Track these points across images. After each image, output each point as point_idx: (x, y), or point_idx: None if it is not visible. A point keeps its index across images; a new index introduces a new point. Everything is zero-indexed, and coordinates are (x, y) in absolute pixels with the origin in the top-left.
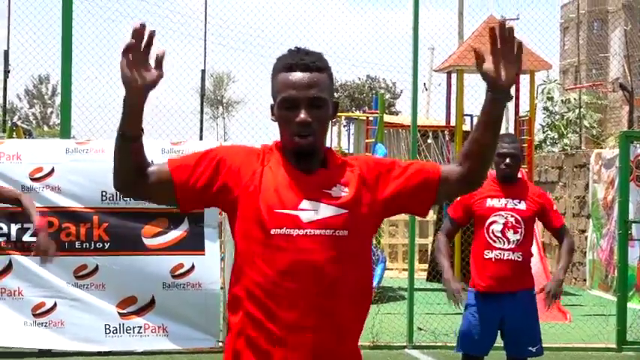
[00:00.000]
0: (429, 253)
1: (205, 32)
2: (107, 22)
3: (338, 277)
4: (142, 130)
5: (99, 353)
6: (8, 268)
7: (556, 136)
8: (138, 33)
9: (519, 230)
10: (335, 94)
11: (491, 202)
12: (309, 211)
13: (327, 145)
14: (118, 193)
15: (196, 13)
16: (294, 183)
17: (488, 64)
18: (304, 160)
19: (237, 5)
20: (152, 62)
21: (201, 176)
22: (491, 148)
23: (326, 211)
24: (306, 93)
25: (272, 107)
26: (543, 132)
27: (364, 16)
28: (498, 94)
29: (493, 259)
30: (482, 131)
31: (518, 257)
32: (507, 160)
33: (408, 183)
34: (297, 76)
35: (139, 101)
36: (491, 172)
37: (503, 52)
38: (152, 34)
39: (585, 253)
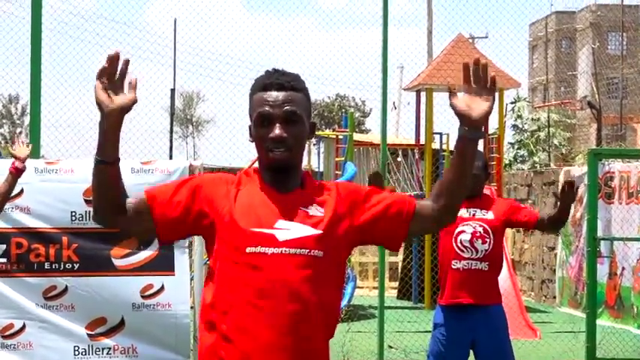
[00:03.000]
0: (399, 271)
1: (175, 52)
2: (77, 41)
3: (312, 297)
4: (118, 155)
5: None
6: None
7: (525, 154)
8: (113, 59)
9: (487, 240)
10: (312, 118)
11: (459, 212)
12: (285, 230)
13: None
14: (87, 213)
15: (165, 33)
16: (270, 202)
17: (461, 101)
18: (281, 178)
19: (205, 25)
20: (126, 89)
21: (177, 206)
22: (464, 186)
23: (302, 230)
24: (280, 109)
25: (250, 128)
26: (513, 150)
27: (333, 35)
28: (470, 131)
29: (461, 269)
30: (454, 171)
31: (485, 267)
32: None
33: (383, 213)
34: (273, 94)
35: (114, 124)
36: None
37: (476, 89)
38: (127, 62)
39: (554, 270)
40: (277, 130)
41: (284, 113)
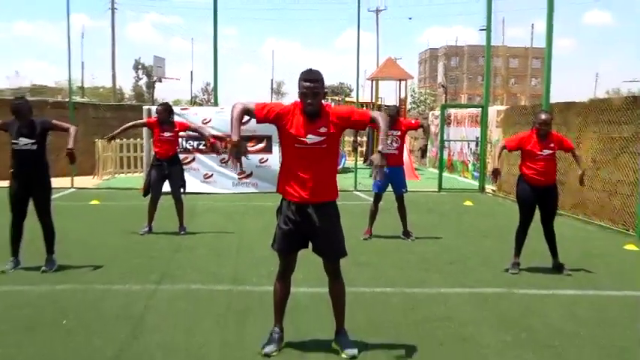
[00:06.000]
0: (364, 150)
1: (272, 68)
2: (229, 62)
3: (323, 160)
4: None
5: (230, 194)
6: (193, 159)
7: (415, 107)
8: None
9: (398, 141)
10: (325, 89)
11: (390, 131)
12: (310, 138)
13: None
14: None
15: (269, 59)
16: (304, 125)
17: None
18: (310, 116)
19: (285, 56)
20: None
21: (268, 111)
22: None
23: (317, 138)
24: (311, 89)
25: (299, 94)
26: (410, 105)
27: (339, 57)
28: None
29: (388, 153)
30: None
31: (395, 151)
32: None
33: (355, 121)
34: (307, 83)
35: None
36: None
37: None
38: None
39: (426, 152)
40: (309, 99)
41: (312, 92)
